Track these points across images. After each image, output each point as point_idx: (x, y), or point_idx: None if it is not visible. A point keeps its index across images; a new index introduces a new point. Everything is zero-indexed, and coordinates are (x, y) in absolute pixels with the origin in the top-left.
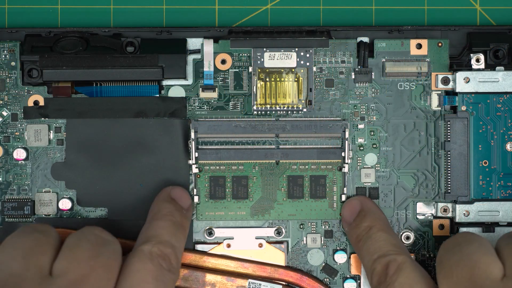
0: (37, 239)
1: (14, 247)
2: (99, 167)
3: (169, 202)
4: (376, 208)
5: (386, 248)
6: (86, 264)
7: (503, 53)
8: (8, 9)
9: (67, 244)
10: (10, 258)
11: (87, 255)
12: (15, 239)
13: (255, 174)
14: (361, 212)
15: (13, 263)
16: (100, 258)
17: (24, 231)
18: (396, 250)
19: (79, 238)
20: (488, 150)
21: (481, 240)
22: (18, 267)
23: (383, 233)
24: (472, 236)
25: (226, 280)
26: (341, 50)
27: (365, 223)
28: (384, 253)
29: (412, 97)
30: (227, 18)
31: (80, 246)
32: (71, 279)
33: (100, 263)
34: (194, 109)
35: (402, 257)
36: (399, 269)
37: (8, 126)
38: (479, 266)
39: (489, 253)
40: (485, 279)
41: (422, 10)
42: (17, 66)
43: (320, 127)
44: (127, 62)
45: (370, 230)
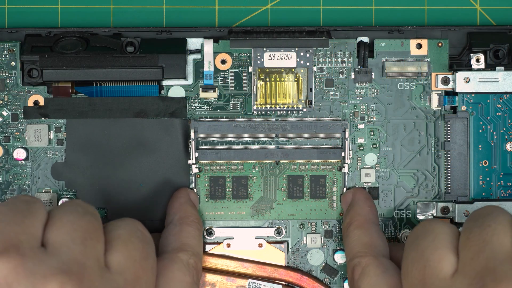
0: (91, 223)
1: (73, 228)
2: (99, 167)
3: (193, 207)
4: (363, 201)
5: (355, 249)
6: (139, 264)
7: (503, 53)
8: (8, 9)
9: (118, 236)
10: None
11: (139, 255)
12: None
13: (255, 174)
14: (349, 206)
15: (74, 246)
16: (149, 260)
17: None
18: (364, 250)
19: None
20: (488, 150)
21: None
22: (79, 252)
23: (358, 230)
24: (430, 226)
25: (226, 280)
26: (341, 50)
27: (348, 219)
28: (353, 256)
29: (412, 97)
30: (227, 18)
31: (133, 243)
32: (128, 279)
33: (150, 264)
34: (194, 109)
35: (367, 259)
36: (362, 273)
37: (8, 126)
38: (430, 263)
39: (442, 247)
40: (435, 278)
41: (422, 10)
42: (17, 66)
43: (320, 127)
44: (127, 62)
45: (349, 227)
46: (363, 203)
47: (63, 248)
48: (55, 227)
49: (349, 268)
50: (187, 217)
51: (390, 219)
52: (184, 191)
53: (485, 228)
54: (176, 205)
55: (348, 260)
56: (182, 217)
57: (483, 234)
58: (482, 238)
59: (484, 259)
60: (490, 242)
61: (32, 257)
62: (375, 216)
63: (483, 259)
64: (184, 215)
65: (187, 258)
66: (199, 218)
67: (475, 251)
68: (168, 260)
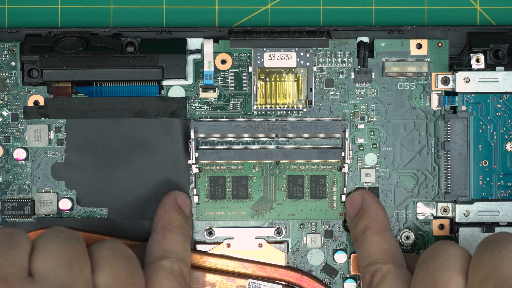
0: (76, 247)
1: (58, 254)
2: (99, 167)
3: (178, 212)
4: (376, 206)
5: (374, 256)
6: (127, 282)
7: (503, 53)
8: (8, 9)
9: (102, 257)
10: (57, 267)
11: (125, 272)
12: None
13: (255, 174)
14: (360, 210)
15: (61, 272)
16: (136, 276)
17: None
18: (384, 258)
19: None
20: (488, 150)
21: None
22: (67, 277)
23: (376, 237)
24: (442, 247)
25: (226, 280)
26: (341, 50)
27: (362, 223)
28: (372, 261)
29: (412, 97)
30: (227, 18)
31: (117, 261)
32: None
33: (137, 280)
34: (194, 109)
35: (388, 267)
36: (382, 280)
37: (8, 126)
38: (438, 284)
39: (451, 269)
40: None
41: (422, 10)
42: (17, 66)
43: (320, 127)
44: (127, 62)
45: (365, 233)
46: (376, 207)
47: (50, 275)
48: (41, 255)
49: (366, 273)
50: (170, 223)
51: (390, 219)
52: (171, 195)
53: (496, 253)
54: (160, 212)
55: (365, 264)
56: (165, 224)
57: (493, 260)
58: (492, 264)
59: (492, 284)
60: (499, 268)
61: None
62: (388, 222)
63: (491, 284)
64: (167, 222)
65: (171, 264)
66: (184, 223)
67: (484, 275)
68: (153, 270)
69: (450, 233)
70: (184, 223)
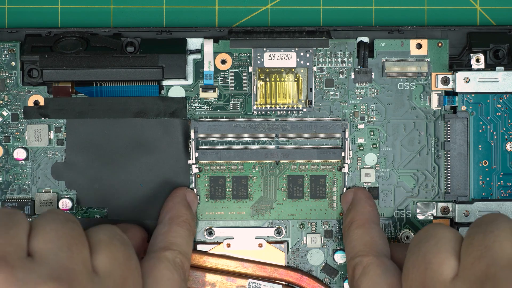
0: (74, 229)
1: (58, 236)
2: (99, 167)
3: (187, 208)
4: (364, 201)
5: (357, 249)
6: (124, 265)
7: (503, 53)
8: (8, 9)
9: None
10: (56, 248)
11: (122, 256)
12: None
13: (255, 174)
14: (350, 205)
15: (61, 253)
16: (132, 261)
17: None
18: (365, 250)
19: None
20: (488, 150)
21: (441, 235)
22: (66, 258)
23: (359, 230)
24: (433, 230)
25: (226, 280)
26: (341, 50)
27: (348, 218)
28: (354, 255)
29: (412, 97)
30: (227, 18)
31: (114, 245)
32: (117, 281)
33: (134, 265)
34: (194, 109)
35: (368, 259)
36: (363, 273)
37: (8, 126)
38: (431, 266)
39: (443, 251)
40: (435, 281)
41: (422, 10)
42: (17, 66)
43: (320, 127)
44: (127, 62)
45: (350, 226)
46: (364, 202)
47: (50, 256)
48: (40, 236)
49: (349, 267)
50: (177, 217)
51: (390, 219)
52: (181, 190)
53: (487, 234)
54: (169, 204)
55: (348, 259)
56: (173, 217)
57: (485, 240)
58: (484, 244)
59: (485, 264)
60: (491, 248)
61: (21, 267)
62: (376, 216)
63: (484, 264)
64: (175, 215)
65: (173, 256)
66: (191, 219)
67: (477, 256)
68: (155, 260)
69: None
70: (190, 219)
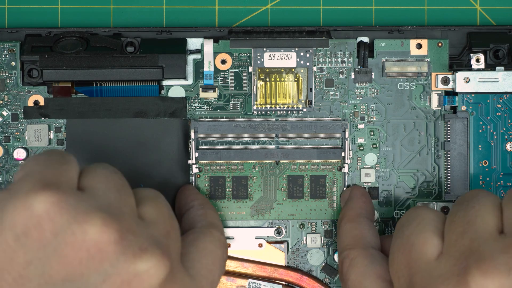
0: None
1: (107, 179)
2: None
3: None
4: (358, 197)
5: (345, 243)
6: (169, 221)
7: (503, 53)
8: (8, 9)
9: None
10: (106, 188)
11: (168, 212)
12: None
13: (255, 174)
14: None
15: (110, 193)
16: (176, 221)
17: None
18: (353, 243)
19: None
20: (488, 150)
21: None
22: (115, 198)
23: (349, 224)
24: (415, 213)
25: (226, 280)
26: (341, 50)
27: (341, 213)
28: (342, 249)
29: (412, 97)
30: (227, 18)
31: (160, 202)
32: (161, 231)
33: (177, 225)
34: (194, 109)
35: (355, 251)
36: (351, 265)
37: (8, 126)
38: (415, 248)
39: (426, 230)
40: (420, 261)
41: (422, 10)
42: (17, 66)
43: (320, 127)
44: (127, 62)
45: (341, 221)
46: (357, 198)
47: (100, 193)
48: (90, 175)
49: (339, 262)
50: (207, 202)
51: (390, 219)
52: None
53: (469, 209)
54: (189, 193)
55: (338, 253)
56: (203, 203)
57: (467, 216)
58: (466, 220)
59: (468, 239)
60: (474, 223)
61: (73, 195)
62: (368, 211)
63: (467, 239)
64: (204, 202)
65: (219, 234)
66: None
67: (459, 232)
68: (201, 233)
69: None
70: None
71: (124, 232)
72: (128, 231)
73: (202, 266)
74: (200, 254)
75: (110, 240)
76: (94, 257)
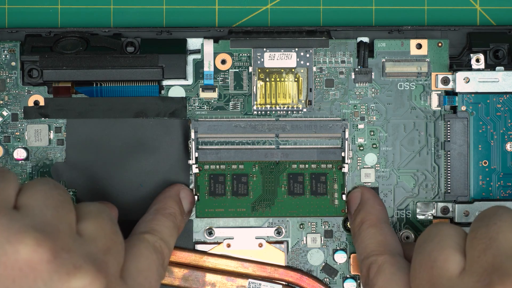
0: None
1: (46, 196)
2: (99, 167)
3: (177, 202)
4: (373, 200)
5: (370, 248)
6: (110, 237)
7: (503, 53)
8: (8, 9)
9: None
10: (43, 206)
11: (109, 228)
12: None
13: (255, 173)
14: (359, 205)
15: (47, 211)
16: (119, 236)
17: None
18: (380, 249)
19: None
20: (488, 150)
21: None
22: (52, 216)
23: (371, 229)
24: (436, 229)
25: (226, 280)
26: (341, 50)
27: (359, 218)
28: (367, 254)
29: (412, 97)
30: (227, 18)
31: (102, 218)
32: (100, 247)
33: (119, 240)
34: (194, 109)
35: (383, 258)
36: (378, 271)
37: (8, 126)
38: (437, 264)
39: (447, 247)
40: (442, 277)
41: (422, 10)
42: (17, 66)
43: (320, 127)
44: (127, 62)
45: (361, 226)
46: (373, 202)
47: (36, 211)
48: (28, 193)
49: (363, 266)
50: (164, 208)
51: (390, 219)
52: (176, 186)
53: (491, 226)
54: (159, 197)
55: (362, 258)
56: (159, 208)
57: (489, 232)
58: (488, 236)
59: (491, 256)
60: (496, 240)
61: (6, 214)
62: (386, 215)
63: (490, 256)
64: (162, 207)
65: (154, 240)
66: (179, 213)
67: (482, 249)
68: (135, 240)
69: None
70: (178, 213)
71: (58, 251)
72: (62, 249)
73: (138, 273)
74: (135, 260)
75: (43, 259)
76: (28, 276)
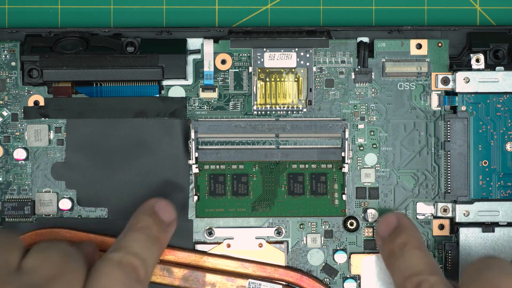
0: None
1: None
2: (99, 167)
3: (149, 215)
4: (413, 226)
5: (419, 267)
6: (56, 266)
7: (503, 53)
8: (8, 9)
9: (35, 248)
10: None
11: (57, 259)
12: None
13: (255, 173)
14: (397, 228)
15: None
16: (69, 264)
17: None
18: (430, 270)
19: (47, 245)
20: (488, 150)
21: (502, 263)
22: None
23: (417, 251)
24: (493, 261)
25: (226, 280)
26: (341, 50)
27: (400, 239)
28: (416, 272)
29: (412, 97)
30: (227, 18)
31: (49, 249)
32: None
33: (70, 268)
34: (194, 109)
35: (435, 278)
36: None
37: (8, 126)
38: None
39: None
40: None
41: (422, 10)
42: (17, 66)
43: (320, 127)
44: (127, 62)
45: (404, 247)
46: (413, 227)
47: None
48: None
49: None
50: (135, 224)
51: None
52: (150, 201)
53: None
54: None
55: (406, 275)
56: (130, 225)
57: None
58: None
59: None
60: None
61: None
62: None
63: None
64: (133, 223)
65: (119, 257)
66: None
67: None
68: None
69: (450, 233)
70: (152, 224)
71: None
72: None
73: None
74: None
75: None
76: None
